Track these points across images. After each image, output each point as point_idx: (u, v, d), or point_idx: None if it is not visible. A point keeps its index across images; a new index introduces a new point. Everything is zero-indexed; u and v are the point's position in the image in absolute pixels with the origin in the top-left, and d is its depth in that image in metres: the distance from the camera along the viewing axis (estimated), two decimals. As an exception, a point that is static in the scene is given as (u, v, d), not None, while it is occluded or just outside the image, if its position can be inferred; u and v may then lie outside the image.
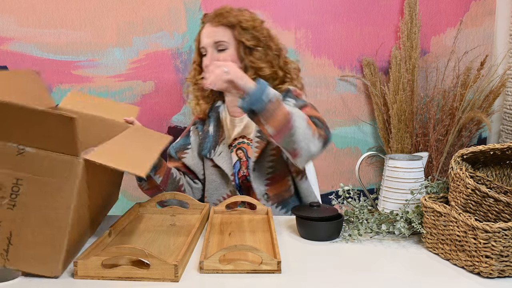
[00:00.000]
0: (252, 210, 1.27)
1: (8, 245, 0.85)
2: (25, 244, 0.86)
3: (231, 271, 0.90)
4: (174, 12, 2.07)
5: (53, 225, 0.86)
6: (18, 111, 0.81)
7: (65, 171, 0.85)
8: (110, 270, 0.86)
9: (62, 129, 0.82)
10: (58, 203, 0.85)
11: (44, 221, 0.86)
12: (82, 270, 0.87)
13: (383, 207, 1.18)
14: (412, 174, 1.14)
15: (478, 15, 2.18)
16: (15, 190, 0.85)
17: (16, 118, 0.82)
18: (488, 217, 0.94)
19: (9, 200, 0.85)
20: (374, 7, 2.15)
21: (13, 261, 0.86)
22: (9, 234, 0.85)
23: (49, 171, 0.85)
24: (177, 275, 0.86)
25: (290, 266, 0.93)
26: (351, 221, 1.13)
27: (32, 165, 0.84)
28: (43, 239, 0.86)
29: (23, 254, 0.86)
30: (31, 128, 0.83)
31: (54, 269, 0.87)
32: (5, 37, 2.05)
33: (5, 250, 0.86)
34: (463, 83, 2.10)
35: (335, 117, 2.21)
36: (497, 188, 1.05)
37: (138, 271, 0.86)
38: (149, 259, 0.86)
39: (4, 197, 0.84)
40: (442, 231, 0.98)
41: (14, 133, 0.83)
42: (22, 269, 0.87)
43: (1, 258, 0.86)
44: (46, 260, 0.87)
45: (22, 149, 0.84)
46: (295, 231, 1.15)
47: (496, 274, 0.88)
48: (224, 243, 1.04)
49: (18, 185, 0.85)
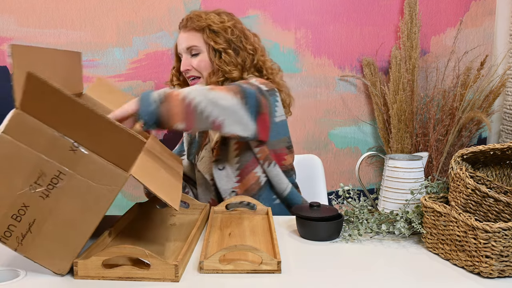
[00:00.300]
0: (252, 210, 1.27)
1: (27, 231, 0.86)
2: (43, 235, 0.86)
3: (231, 271, 0.90)
4: (174, 12, 2.07)
5: (76, 227, 0.86)
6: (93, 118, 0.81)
7: (110, 181, 0.85)
8: (111, 270, 0.86)
9: (128, 147, 0.84)
10: (91, 208, 0.86)
11: (69, 221, 0.86)
12: (82, 270, 0.87)
13: (383, 207, 1.18)
14: (412, 174, 1.14)
15: (478, 15, 2.18)
16: (54, 182, 0.85)
17: (87, 120, 0.82)
18: (488, 217, 0.94)
19: (44, 189, 0.85)
20: (374, 7, 2.15)
21: (25, 248, 0.86)
22: (32, 221, 0.85)
23: (94, 176, 0.85)
24: (177, 275, 0.86)
25: (290, 266, 0.93)
26: (351, 221, 1.13)
27: (79, 164, 0.85)
28: (62, 236, 0.86)
29: (37, 244, 0.86)
30: (95, 133, 0.83)
31: (62, 267, 0.88)
32: (5, 37, 2.05)
33: (22, 235, 0.86)
34: (463, 83, 2.10)
35: (335, 117, 2.21)
36: (497, 188, 1.05)
37: (138, 271, 0.86)
38: (149, 259, 0.86)
39: (41, 185, 0.84)
40: (442, 231, 0.98)
41: (76, 131, 0.84)
42: (31, 257, 0.87)
43: (15, 241, 0.86)
44: (57, 257, 0.87)
45: (76, 147, 0.84)
46: (295, 231, 1.15)
47: (496, 274, 0.88)
48: (224, 243, 1.04)
49: (58, 178, 0.85)
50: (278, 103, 1.37)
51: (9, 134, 0.83)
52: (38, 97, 0.80)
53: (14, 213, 0.84)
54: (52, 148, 0.84)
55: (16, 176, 0.84)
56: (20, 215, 0.85)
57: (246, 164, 1.36)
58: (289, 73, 2.14)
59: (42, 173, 0.84)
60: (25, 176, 0.84)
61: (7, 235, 0.85)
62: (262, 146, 1.34)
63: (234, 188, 1.37)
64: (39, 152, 0.84)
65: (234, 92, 1.13)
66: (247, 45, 1.43)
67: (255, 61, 1.44)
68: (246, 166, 1.36)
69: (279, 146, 1.38)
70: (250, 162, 1.36)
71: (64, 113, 0.82)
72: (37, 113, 0.82)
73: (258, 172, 1.36)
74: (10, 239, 0.85)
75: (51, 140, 0.83)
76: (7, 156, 0.83)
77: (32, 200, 0.85)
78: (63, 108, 0.81)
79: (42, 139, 0.83)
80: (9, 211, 0.84)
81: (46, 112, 0.82)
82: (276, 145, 1.37)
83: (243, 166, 1.36)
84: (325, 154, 2.22)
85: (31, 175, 0.84)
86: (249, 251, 0.91)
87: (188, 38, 1.41)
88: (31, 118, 0.83)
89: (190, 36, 1.41)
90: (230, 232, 1.11)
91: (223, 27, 1.40)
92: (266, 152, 1.35)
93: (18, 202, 0.84)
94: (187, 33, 1.42)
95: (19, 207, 0.84)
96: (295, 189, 1.42)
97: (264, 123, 1.25)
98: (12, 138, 0.83)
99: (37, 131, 0.83)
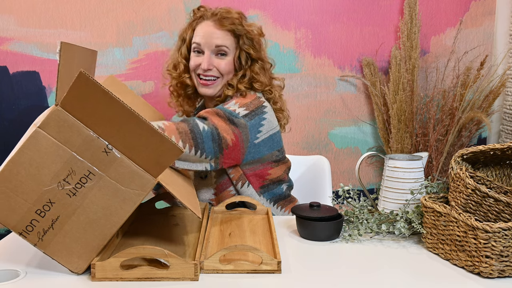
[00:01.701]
0: (252, 210, 1.27)
1: (49, 227, 0.86)
2: (64, 233, 0.86)
3: (231, 271, 0.90)
4: (174, 12, 2.07)
5: (99, 227, 0.87)
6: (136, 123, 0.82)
7: (138, 186, 0.86)
8: (129, 271, 0.86)
9: (165, 155, 0.85)
10: (116, 211, 0.87)
11: (93, 221, 0.87)
12: (100, 272, 0.86)
13: (383, 207, 1.18)
14: (412, 174, 1.14)
15: (478, 15, 2.18)
16: (82, 182, 0.85)
17: (129, 125, 0.83)
18: (488, 217, 0.94)
19: (72, 188, 0.85)
20: (374, 7, 2.15)
21: (45, 244, 0.87)
22: (56, 218, 0.86)
23: (123, 179, 0.86)
24: (197, 274, 0.86)
25: (290, 266, 0.93)
26: (351, 221, 1.13)
27: (110, 167, 0.85)
28: (83, 236, 0.87)
29: (57, 241, 0.87)
30: (133, 137, 0.84)
31: (79, 266, 0.88)
32: (5, 37, 2.05)
33: (44, 231, 0.86)
34: (463, 83, 2.10)
35: (335, 117, 2.21)
36: (497, 188, 1.05)
37: (157, 271, 0.86)
38: (168, 259, 0.86)
39: (70, 183, 0.85)
40: (442, 231, 0.98)
41: (111, 133, 0.84)
42: (50, 254, 0.87)
43: (36, 236, 0.86)
44: (76, 256, 0.87)
45: (109, 149, 0.85)
46: (295, 231, 1.14)
47: (496, 274, 0.88)
48: (224, 243, 1.04)
49: (87, 178, 0.85)
50: (265, 120, 1.34)
51: (45, 129, 0.83)
52: (84, 96, 0.81)
53: (39, 208, 0.85)
54: (86, 148, 0.84)
55: (45, 171, 0.84)
56: (44, 211, 0.85)
57: (221, 182, 1.37)
58: (289, 73, 2.14)
59: (72, 171, 0.85)
60: (54, 172, 0.84)
61: (29, 229, 0.86)
62: (235, 167, 1.34)
63: (211, 200, 1.39)
64: (72, 151, 0.84)
65: (183, 142, 1.15)
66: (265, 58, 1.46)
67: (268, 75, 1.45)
68: (221, 184, 1.37)
69: (261, 163, 1.37)
70: (224, 181, 1.37)
71: (106, 115, 0.82)
72: (77, 112, 0.83)
73: (232, 191, 1.37)
74: (31, 233, 0.86)
75: (86, 140, 0.84)
76: (39, 151, 0.83)
77: (59, 197, 0.85)
78: (107, 110, 0.81)
79: (78, 138, 0.84)
80: (34, 206, 0.85)
81: (87, 112, 0.83)
82: (255, 164, 1.36)
83: (218, 182, 1.37)
84: (325, 154, 2.22)
85: (61, 172, 0.84)
86: (250, 251, 0.91)
87: (223, 37, 1.38)
88: (70, 116, 0.83)
89: (224, 35, 1.38)
90: (230, 232, 1.11)
91: (258, 40, 1.42)
92: (239, 173, 1.35)
93: (44, 198, 0.85)
94: (221, 31, 1.38)
95: (45, 202, 0.85)
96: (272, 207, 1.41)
97: (231, 153, 1.26)
98: (47, 134, 0.83)
99: (74, 130, 0.84)
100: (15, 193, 0.84)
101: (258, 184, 1.38)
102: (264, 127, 1.34)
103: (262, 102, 1.37)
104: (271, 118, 1.37)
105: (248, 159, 1.33)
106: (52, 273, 0.89)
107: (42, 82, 2.09)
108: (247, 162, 1.33)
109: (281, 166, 1.42)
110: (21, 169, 0.83)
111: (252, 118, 1.31)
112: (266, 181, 1.39)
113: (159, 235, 1.09)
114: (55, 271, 0.90)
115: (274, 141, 1.38)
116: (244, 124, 1.29)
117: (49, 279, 0.87)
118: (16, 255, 0.98)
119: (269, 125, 1.36)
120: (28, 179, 0.84)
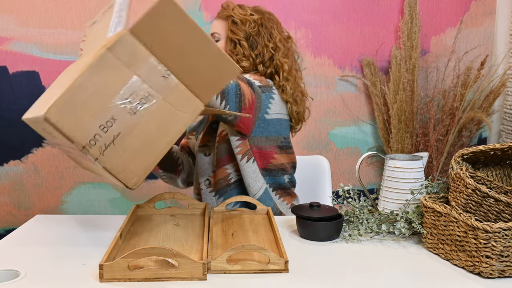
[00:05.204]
0: (251, 210, 1.27)
1: (111, 143, 0.89)
2: (123, 149, 0.90)
3: (238, 271, 0.90)
4: (174, 12, 2.07)
5: (154, 146, 0.92)
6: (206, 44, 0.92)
7: (188, 109, 0.95)
8: (137, 272, 0.86)
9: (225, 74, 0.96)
10: (169, 132, 0.93)
11: (149, 140, 0.92)
12: (108, 273, 0.86)
13: (383, 207, 1.18)
14: (412, 174, 1.14)
15: (478, 15, 2.18)
16: (142, 102, 0.91)
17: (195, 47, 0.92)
18: (489, 217, 0.94)
19: (133, 107, 0.90)
20: (374, 7, 2.15)
21: (105, 158, 0.90)
22: (117, 134, 0.89)
23: (176, 102, 0.93)
24: (205, 273, 0.86)
25: (292, 266, 0.93)
26: (351, 221, 1.13)
27: (166, 90, 0.92)
28: (140, 153, 0.91)
29: (117, 157, 0.90)
30: (197, 59, 0.93)
31: (134, 182, 0.93)
32: (5, 37, 2.05)
33: (106, 146, 0.89)
34: (463, 83, 2.10)
35: (335, 117, 2.21)
36: (498, 188, 1.05)
37: (166, 271, 0.86)
38: (177, 259, 0.86)
39: (132, 102, 0.90)
40: (442, 231, 0.98)
41: (170, 59, 0.92)
42: (109, 169, 0.90)
43: (98, 151, 0.89)
44: (131, 172, 0.92)
45: (168, 75, 0.93)
46: (295, 231, 1.14)
47: (496, 274, 0.88)
48: (229, 244, 1.04)
49: (147, 99, 0.91)
50: (273, 100, 1.39)
51: (113, 52, 0.88)
52: (159, 21, 0.89)
53: (102, 123, 0.88)
54: (148, 73, 0.91)
55: (110, 91, 0.88)
56: (107, 127, 0.89)
57: (220, 158, 1.40)
58: (289, 73, 2.14)
59: (134, 92, 0.90)
60: (118, 91, 0.89)
61: (92, 143, 0.88)
62: (243, 140, 1.36)
63: (209, 177, 1.43)
64: (136, 74, 0.90)
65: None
66: (269, 42, 1.45)
67: (274, 60, 1.46)
68: (220, 160, 1.40)
69: (267, 143, 1.39)
70: (224, 157, 1.39)
71: (178, 39, 0.91)
72: (145, 38, 0.90)
73: (228, 169, 1.40)
74: (94, 148, 0.88)
75: (148, 66, 0.91)
76: (105, 71, 0.88)
77: (121, 114, 0.89)
78: (183, 33, 0.90)
79: (141, 64, 0.90)
80: (98, 121, 0.88)
81: (155, 39, 0.90)
82: (262, 142, 1.38)
83: (218, 158, 1.40)
84: (325, 154, 2.22)
85: (124, 92, 0.89)
86: (257, 251, 0.91)
87: (214, 25, 1.48)
88: (136, 42, 0.89)
89: (216, 23, 1.48)
90: (233, 232, 1.11)
91: (244, 20, 1.45)
92: (247, 147, 1.36)
93: (108, 114, 0.88)
94: (216, 20, 1.49)
95: (108, 118, 0.88)
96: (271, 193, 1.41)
97: (246, 114, 1.30)
98: (114, 57, 0.88)
99: (139, 55, 0.90)
100: (82, 108, 0.87)
101: (262, 166, 1.40)
102: (272, 106, 1.39)
103: (272, 85, 1.42)
104: (279, 103, 1.41)
105: (256, 133, 1.36)
106: (52, 273, 0.89)
107: (42, 82, 2.09)
108: (255, 136, 1.36)
109: (286, 155, 1.45)
110: (90, 85, 0.86)
111: (264, 92, 1.38)
112: (270, 165, 1.41)
113: (162, 235, 1.09)
114: (55, 271, 0.90)
115: (282, 126, 1.42)
116: (259, 92, 1.35)
117: (49, 279, 0.87)
118: (16, 255, 0.98)
119: (277, 107, 1.40)
120: (95, 95, 0.87)
